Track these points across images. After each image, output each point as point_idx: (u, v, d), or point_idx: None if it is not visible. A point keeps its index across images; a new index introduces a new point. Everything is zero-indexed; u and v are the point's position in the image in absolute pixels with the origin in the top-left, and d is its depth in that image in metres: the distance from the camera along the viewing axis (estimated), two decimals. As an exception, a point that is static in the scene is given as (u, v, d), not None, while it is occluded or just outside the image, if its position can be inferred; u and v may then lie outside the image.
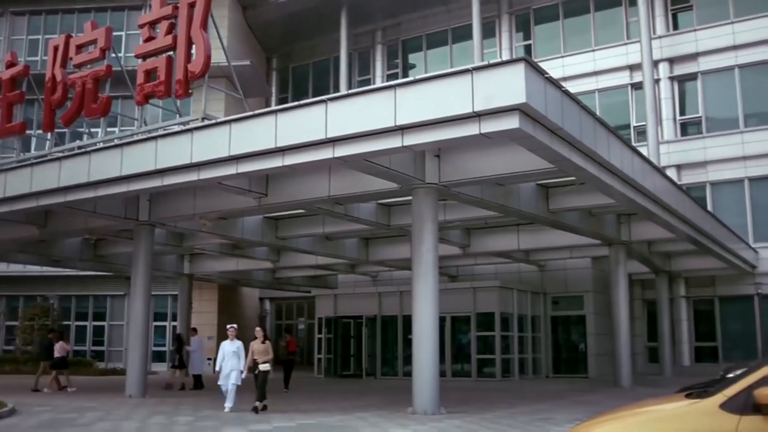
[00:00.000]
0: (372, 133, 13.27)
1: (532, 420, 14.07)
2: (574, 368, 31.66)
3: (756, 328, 31.54)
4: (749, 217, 32.37)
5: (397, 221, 21.89)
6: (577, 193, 19.80)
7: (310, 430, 12.62)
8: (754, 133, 32.59)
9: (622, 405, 16.07)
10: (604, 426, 5.25)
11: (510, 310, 29.85)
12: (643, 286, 33.99)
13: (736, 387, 4.82)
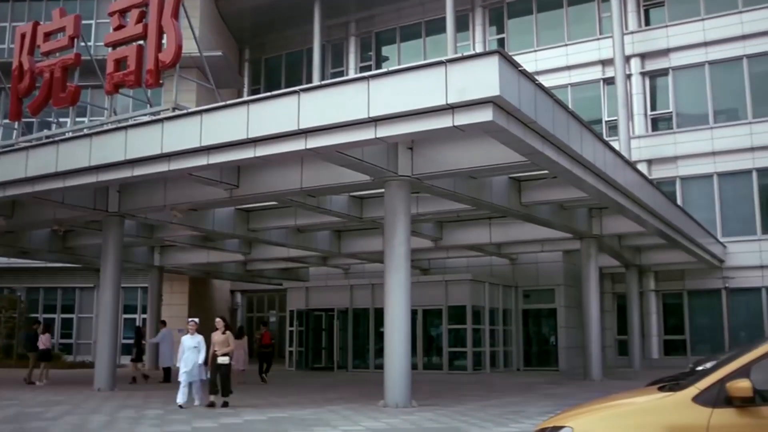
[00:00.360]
0: (345, 125, 13.19)
1: (503, 413, 14.10)
2: (544, 361, 31.86)
3: (723, 321, 31.94)
4: (718, 212, 32.73)
5: (370, 214, 21.83)
6: (549, 187, 19.88)
7: (281, 424, 12.53)
8: (723, 129, 32.95)
9: (592, 398, 16.13)
10: (577, 419, 5.22)
11: (481, 303, 29.94)
12: (613, 280, 34.26)
13: (709, 380, 4.82)
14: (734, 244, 32.16)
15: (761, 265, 31.61)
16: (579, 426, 5.11)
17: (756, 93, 32.70)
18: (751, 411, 4.58)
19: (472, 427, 12.00)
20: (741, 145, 32.35)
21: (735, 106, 33.29)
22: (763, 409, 4.58)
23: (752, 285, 31.80)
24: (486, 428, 11.80)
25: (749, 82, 32.81)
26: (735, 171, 32.63)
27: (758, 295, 31.83)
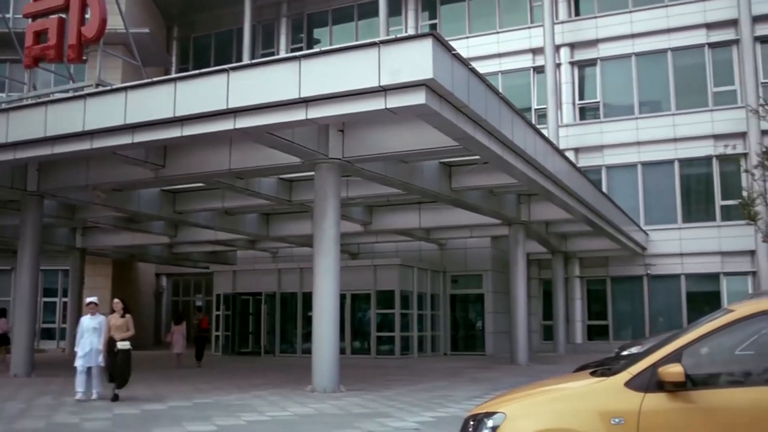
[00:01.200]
0: (275, 105, 12.92)
1: (431, 397, 14.10)
2: (471, 346, 32.14)
3: (644, 307, 32.76)
4: (641, 200, 33.49)
5: (299, 197, 21.59)
6: (479, 173, 19.96)
7: (206, 410, 12.26)
8: (647, 120, 33.68)
9: (519, 382, 16.24)
10: (510, 405, 5.16)
11: (410, 287, 29.98)
12: (539, 266, 34.75)
13: (641, 365, 4.81)
14: (656, 232, 32.97)
15: (681, 253, 32.50)
16: (512, 411, 5.05)
17: (679, 85, 33.50)
18: (681, 395, 4.58)
19: (400, 411, 11.95)
20: (664, 136, 33.11)
21: (659, 97, 34.05)
22: (693, 393, 4.58)
23: (672, 272, 32.68)
24: (414, 413, 11.76)
25: (673, 75, 33.59)
26: (658, 161, 33.39)
27: (677, 281, 32.74)
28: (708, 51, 33.19)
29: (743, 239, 30.96)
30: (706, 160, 32.43)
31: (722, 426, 4.50)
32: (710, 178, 32.82)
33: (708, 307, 31.86)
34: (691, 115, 32.83)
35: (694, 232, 32.43)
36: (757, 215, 24.63)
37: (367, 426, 10.38)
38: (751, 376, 4.79)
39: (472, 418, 5.28)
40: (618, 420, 4.67)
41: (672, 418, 4.59)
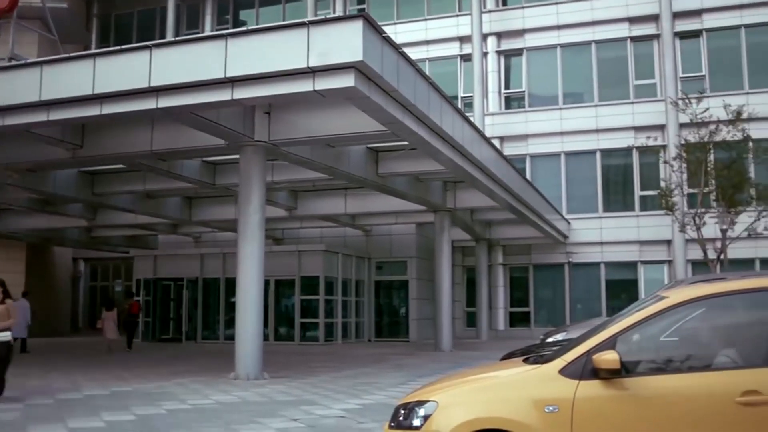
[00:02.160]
0: (200, 84, 12.52)
1: (356, 384, 13.96)
2: (395, 332, 32.19)
3: (565, 294, 33.35)
4: (563, 189, 34.04)
5: (223, 180, 21.13)
6: (406, 159, 19.88)
7: (125, 399, 11.85)
8: (571, 110, 34.21)
9: (443, 368, 16.23)
10: (442, 393, 5.03)
11: (334, 274, 29.81)
12: (463, 253, 35.00)
13: (575, 352, 4.74)
14: (577, 221, 33.59)
15: (601, 242, 33.18)
16: (444, 400, 4.93)
17: (602, 77, 34.12)
18: (616, 383, 4.53)
19: (325, 399, 11.77)
20: (587, 127, 33.70)
21: (583, 88, 34.62)
22: (627, 380, 4.54)
23: (592, 260, 33.35)
24: (339, 400, 11.59)
25: (596, 67, 34.18)
26: (581, 151, 33.98)
27: (597, 269, 33.44)
28: (630, 44, 33.88)
29: (660, 229, 31.77)
30: (627, 151, 33.16)
31: (657, 413, 4.47)
32: (630, 169, 33.58)
33: (625, 294, 32.74)
34: (613, 107, 33.49)
35: (614, 222, 33.15)
36: (674, 205, 25.26)
37: (291, 414, 10.17)
38: (685, 363, 4.78)
39: (403, 406, 5.14)
40: (552, 408, 4.59)
41: (606, 405, 4.54)
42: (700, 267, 29.43)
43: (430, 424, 4.84)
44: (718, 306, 4.83)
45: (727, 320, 4.91)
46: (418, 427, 4.91)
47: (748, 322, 4.83)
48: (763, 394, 4.31)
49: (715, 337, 4.95)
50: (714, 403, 4.42)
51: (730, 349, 4.74)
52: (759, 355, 4.52)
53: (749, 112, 23.58)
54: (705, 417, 4.41)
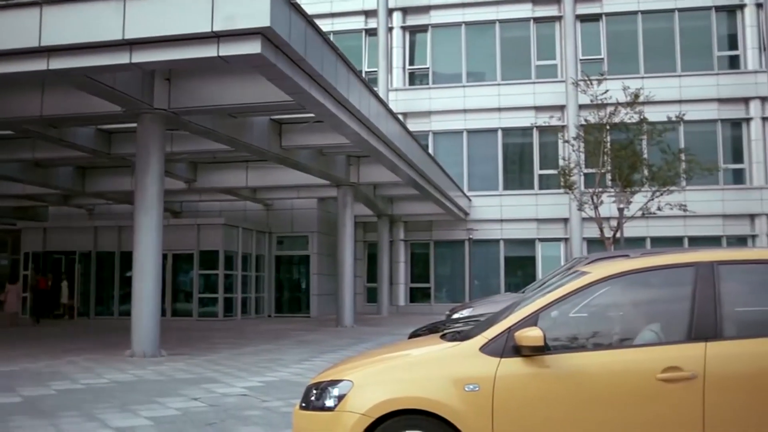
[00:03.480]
0: (96, 46, 11.77)
1: (259, 361, 13.61)
2: (296, 308, 31.88)
3: (465, 270, 33.71)
4: (465, 167, 34.36)
5: (119, 150, 20.26)
6: (311, 132, 19.56)
7: (11, 379, 11.15)
8: (474, 89, 34.48)
9: (346, 344, 16.05)
10: (356, 372, 4.78)
11: (234, 248, 29.20)
12: (365, 229, 34.90)
13: (496, 329, 4.58)
14: (478, 198, 33.99)
15: (501, 219, 33.71)
16: (360, 379, 4.68)
17: (505, 57, 34.49)
18: (537, 360, 4.39)
19: (227, 376, 11.39)
20: (489, 105, 34.06)
21: (486, 67, 34.90)
22: (548, 357, 4.40)
23: (492, 237, 33.87)
24: (242, 378, 11.24)
25: (500, 46, 34.50)
26: (483, 129, 34.34)
27: (497, 246, 34.00)
28: (533, 25, 34.35)
29: (558, 207, 32.52)
30: (528, 130, 33.71)
31: (579, 390, 4.36)
32: (530, 148, 34.19)
33: (522, 271, 33.45)
34: (515, 86, 33.96)
35: (514, 200, 33.72)
36: (573, 184, 25.78)
37: (192, 392, 9.77)
38: (607, 340, 4.70)
39: (315, 386, 4.87)
40: (472, 387, 4.42)
41: (528, 383, 4.40)
42: (596, 245, 30.26)
43: (345, 405, 4.59)
44: (641, 281, 4.76)
45: (649, 296, 4.86)
46: (331, 408, 4.66)
47: (670, 298, 4.77)
48: (684, 370, 4.26)
49: (636, 313, 4.89)
50: (636, 379, 4.34)
51: (651, 325, 4.68)
52: (680, 330, 4.47)
53: (646, 95, 24.19)
54: (627, 394, 4.32)
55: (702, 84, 32.43)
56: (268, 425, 7.67)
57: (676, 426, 4.26)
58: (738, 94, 32.49)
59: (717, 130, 32.53)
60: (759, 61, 32.49)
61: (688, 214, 26.29)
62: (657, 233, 30.88)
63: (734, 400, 4.24)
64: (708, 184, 29.47)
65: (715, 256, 4.64)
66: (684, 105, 29.16)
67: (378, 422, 4.48)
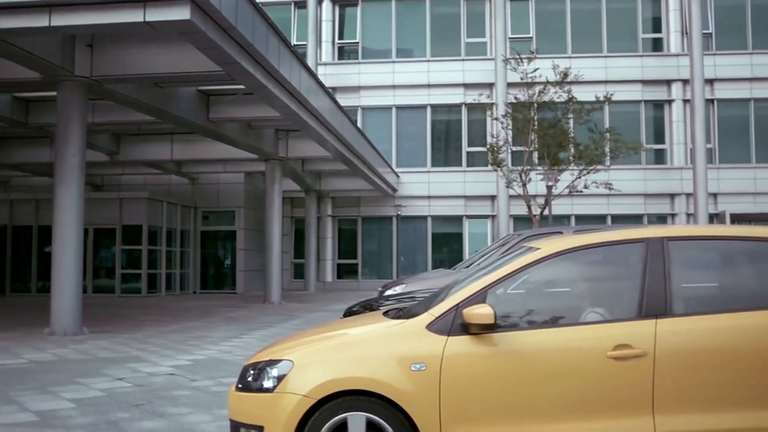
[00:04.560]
0: (11, 6, 11.10)
1: (186, 338, 13.23)
2: (222, 284, 31.37)
3: (393, 246, 33.72)
4: (394, 143, 34.26)
5: (37, 119, 19.37)
6: (239, 104, 19.12)
7: None
8: (403, 65, 34.33)
9: (274, 321, 15.78)
10: (297, 351, 4.56)
11: (158, 223, 28.47)
12: (292, 204, 34.51)
13: (444, 306, 4.42)
14: (407, 174, 33.95)
15: (429, 196, 33.77)
16: (300, 359, 4.47)
17: (435, 33, 34.41)
18: (485, 338, 4.25)
19: (153, 355, 11.02)
20: (418, 81, 33.96)
21: (416, 43, 34.76)
22: (497, 336, 4.27)
23: (420, 213, 33.94)
24: (169, 356, 10.88)
25: (430, 23, 34.38)
26: (412, 105, 34.25)
27: (424, 222, 34.09)
28: (463, 2, 34.30)
29: (486, 185, 32.76)
30: (456, 107, 33.78)
31: (528, 369, 4.25)
32: (459, 125, 34.27)
33: (448, 248, 33.66)
34: (445, 63, 33.95)
35: (442, 176, 33.82)
36: (502, 162, 25.92)
37: (116, 372, 9.39)
38: (556, 317, 4.59)
39: (252, 366, 4.63)
40: (419, 366, 4.26)
41: (477, 362, 4.26)
42: (522, 222, 30.65)
43: (285, 385, 4.38)
44: (591, 257, 4.66)
45: (599, 272, 4.76)
46: (270, 389, 4.43)
47: (621, 274, 4.69)
48: (635, 347, 4.19)
49: (587, 289, 4.79)
50: (586, 357, 4.25)
51: (602, 301, 4.60)
52: (630, 307, 4.39)
53: (575, 75, 24.41)
54: (577, 372, 4.23)
55: (627, 65, 33.01)
56: (198, 405, 7.39)
57: (627, 404, 4.19)
58: (661, 77, 33.19)
59: (640, 110, 33.20)
60: (681, 44, 33.20)
61: (612, 193, 26.80)
62: (581, 211, 31.41)
63: (683, 377, 4.19)
64: (631, 163, 30.09)
65: (665, 232, 4.58)
66: (610, 85, 29.58)
67: (320, 404, 4.29)
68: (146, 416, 6.91)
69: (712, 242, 4.71)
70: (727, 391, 4.18)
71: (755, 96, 32.70)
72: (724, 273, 4.77)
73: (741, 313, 4.32)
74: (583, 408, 4.20)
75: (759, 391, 4.17)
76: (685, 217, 32.54)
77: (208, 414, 7.00)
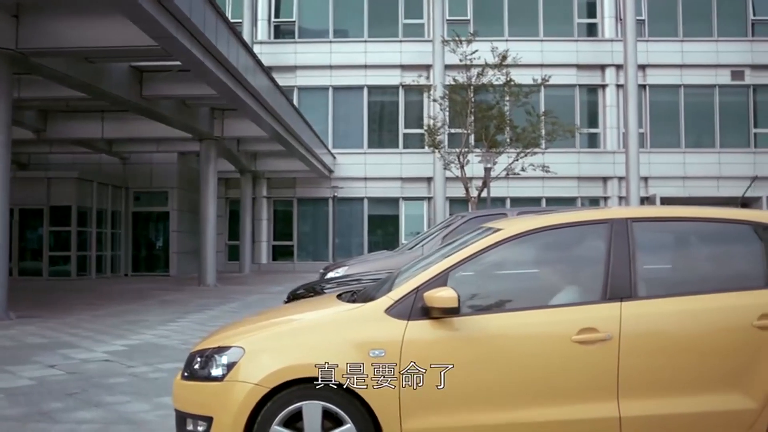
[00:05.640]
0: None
1: (120, 323, 12.77)
2: (154, 266, 30.65)
3: (329, 228, 33.48)
4: (330, 124, 33.95)
5: (-42, 94, 18.44)
6: (174, 81, 18.60)
7: None
8: (340, 44, 33.98)
9: (210, 303, 15.42)
10: (247, 337, 4.32)
11: (88, 204, 27.58)
12: (227, 185, 33.92)
13: (403, 289, 4.23)
14: (343, 155, 33.69)
15: (365, 177, 33.58)
16: (252, 345, 4.23)
17: (372, 13, 34.13)
18: (447, 323, 4.09)
19: (86, 341, 10.58)
20: (356, 62, 33.65)
21: (353, 23, 34.42)
22: (459, 320, 4.10)
23: (356, 195, 33.74)
24: (102, 342, 10.46)
25: (367, 3, 34.11)
26: (349, 86, 33.94)
27: (360, 204, 33.91)
28: (401, -17, 34.08)
29: (422, 167, 32.73)
30: (394, 88, 33.60)
31: (492, 354, 4.10)
32: (396, 107, 34.12)
33: (384, 230, 33.62)
34: (382, 44, 33.69)
35: (378, 158, 33.65)
36: (440, 144, 25.88)
37: (47, 359, 8.97)
38: (519, 300, 4.45)
39: (199, 354, 4.37)
40: (378, 352, 4.07)
41: (438, 347, 4.09)
42: (459, 204, 30.70)
43: (236, 374, 4.14)
44: (555, 239, 4.53)
45: (563, 254, 4.64)
46: (219, 378, 4.19)
47: (585, 256, 4.58)
48: (600, 331, 4.07)
49: (551, 271, 4.66)
50: (551, 341, 4.12)
51: (566, 284, 4.48)
52: (595, 290, 4.27)
53: (513, 58, 24.44)
54: (541, 357, 4.11)
55: (562, 50, 33.29)
56: (137, 393, 7.08)
57: (591, 389, 4.08)
58: (595, 61, 33.58)
59: (575, 95, 33.57)
60: (615, 30, 33.64)
61: (547, 176, 27.01)
62: (517, 194, 31.62)
63: (647, 361, 4.10)
64: (565, 147, 30.38)
65: (629, 213, 4.49)
66: (545, 69, 29.65)
67: (273, 392, 4.07)
68: (81, 406, 6.58)
69: (677, 224, 4.62)
70: (693, 375, 4.11)
71: (685, 82, 33.38)
72: (688, 255, 4.70)
73: (706, 296, 4.24)
74: (547, 393, 4.08)
75: (724, 375, 4.11)
76: (617, 200, 33.10)
77: (147, 402, 6.70)
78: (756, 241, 4.38)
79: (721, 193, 32.26)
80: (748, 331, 4.12)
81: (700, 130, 33.71)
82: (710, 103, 33.44)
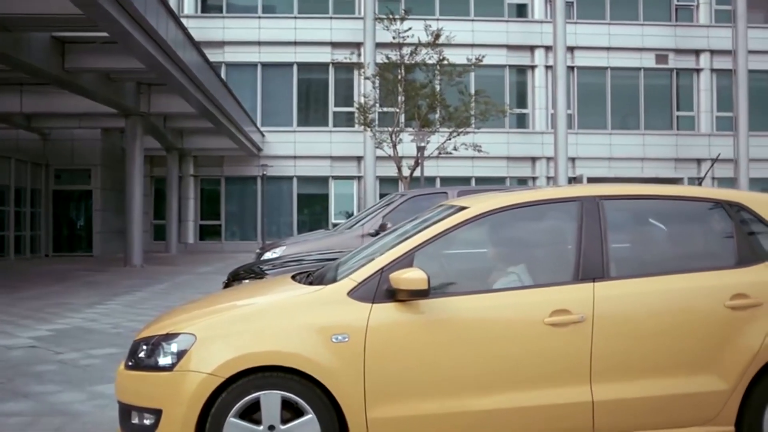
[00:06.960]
0: None
1: (44, 306, 12.17)
2: (77, 246, 29.65)
3: (258, 207, 32.94)
4: (259, 101, 33.34)
5: None
6: (98, 53, 17.89)
7: None
8: (270, 20, 33.38)
9: (138, 284, 14.92)
10: (197, 323, 4.01)
11: (6, 182, 26.40)
12: (152, 163, 32.94)
13: (367, 270, 4.00)
14: (272, 134, 33.15)
15: (294, 156, 33.13)
16: (203, 331, 3.94)
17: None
18: (413, 305, 3.87)
19: (9, 325, 10.04)
20: (285, 38, 33.06)
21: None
22: (426, 302, 3.90)
23: (285, 174, 33.26)
24: (26, 326, 9.94)
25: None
26: (278, 63, 33.35)
27: (290, 183, 33.48)
28: (330, -41, 33.57)
29: (352, 145, 32.42)
30: (324, 66, 33.16)
31: (462, 338, 3.92)
32: (326, 85, 33.70)
33: (313, 209, 33.33)
34: (312, 20, 33.17)
35: (308, 136, 33.23)
36: (372, 122, 25.63)
37: (-33, 345, 8.46)
38: (489, 281, 4.27)
39: (145, 341, 4.06)
40: (341, 337, 3.84)
41: (405, 332, 3.89)
42: (390, 183, 30.57)
43: (187, 363, 3.85)
44: (525, 217, 4.36)
45: (533, 233, 4.48)
46: (168, 367, 3.89)
47: (556, 235, 4.43)
48: (573, 312, 3.93)
49: (521, 251, 4.48)
50: (523, 324, 3.96)
51: (537, 264, 4.32)
52: (566, 270, 4.11)
53: (447, 36, 24.29)
54: (513, 340, 3.94)
55: (493, 30, 33.35)
56: (68, 382, 6.67)
57: (564, 372, 3.94)
58: (525, 42, 33.77)
59: (505, 75, 33.71)
60: (545, 11, 33.87)
61: (477, 156, 27.00)
62: (447, 173, 31.63)
63: (620, 343, 3.99)
64: (495, 127, 30.48)
65: (598, 191, 4.32)
66: (476, 49, 29.56)
67: (228, 382, 3.80)
68: (8, 396, 6.16)
69: (648, 201, 4.49)
70: (665, 357, 4.01)
71: (612, 65, 33.90)
72: (659, 233, 4.60)
73: (679, 275, 4.14)
74: (519, 378, 3.92)
75: (696, 356, 4.02)
76: (545, 180, 33.46)
77: (80, 392, 6.31)
78: (727, 220, 4.29)
79: (645, 173, 32.97)
80: (720, 311, 4.03)
81: (625, 113, 34.33)
82: (635, 86, 34.09)
